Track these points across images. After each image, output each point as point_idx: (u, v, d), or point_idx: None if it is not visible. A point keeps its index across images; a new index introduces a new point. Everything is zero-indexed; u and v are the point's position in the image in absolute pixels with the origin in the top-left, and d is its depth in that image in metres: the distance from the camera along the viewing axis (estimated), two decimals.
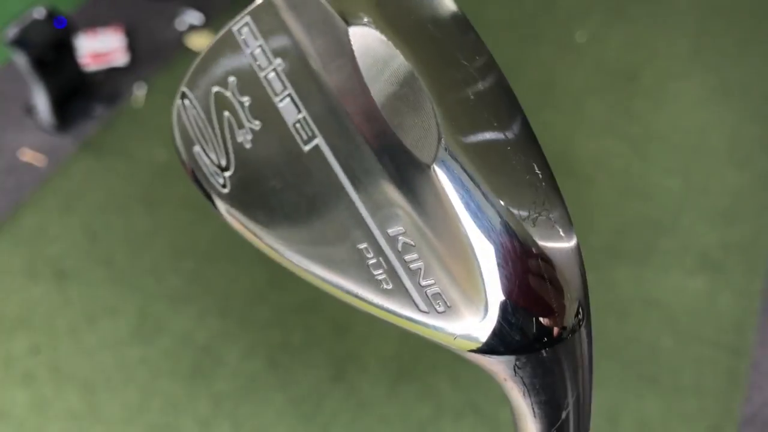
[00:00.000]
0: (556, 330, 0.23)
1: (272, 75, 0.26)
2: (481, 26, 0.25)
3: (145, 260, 1.25)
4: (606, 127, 1.48)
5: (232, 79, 0.27)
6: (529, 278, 0.22)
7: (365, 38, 0.24)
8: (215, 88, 0.28)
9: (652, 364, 1.12)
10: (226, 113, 0.28)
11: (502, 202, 0.22)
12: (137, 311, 1.18)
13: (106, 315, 1.17)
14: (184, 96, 0.29)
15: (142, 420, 1.06)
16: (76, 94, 1.49)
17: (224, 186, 0.29)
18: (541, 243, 0.22)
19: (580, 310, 0.23)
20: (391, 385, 1.09)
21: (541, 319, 0.23)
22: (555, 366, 0.24)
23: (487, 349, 0.23)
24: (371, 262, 0.25)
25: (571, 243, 0.23)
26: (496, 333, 0.23)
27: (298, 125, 0.26)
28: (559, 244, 0.23)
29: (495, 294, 0.23)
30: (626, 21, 1.72)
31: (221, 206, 0.29)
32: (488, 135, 0.23)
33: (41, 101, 1.43)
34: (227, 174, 0.29)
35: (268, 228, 0.28)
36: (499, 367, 0.24)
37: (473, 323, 0.23)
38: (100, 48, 1.61)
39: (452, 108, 0.23)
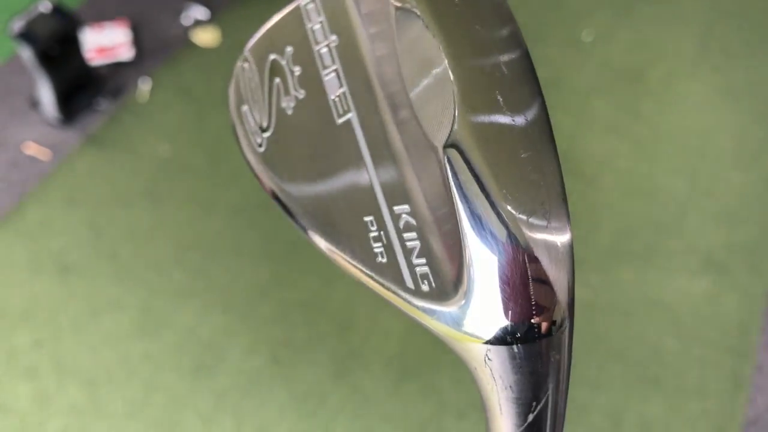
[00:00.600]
0: (533, 327, 0.23)
1: (325, 50, 0.28)
2: None
3: (148, 255, 1.25)
4: (612, 127, 1.48)
5: (289, 49, 0.29)
6: (513, 273, 0.23)
7: (409, 25, 0.25)
8: (273, 56, 0.30)
9: (655, 365, 1.11)
10: (277, 80, 0.30)
11: (500, 197, 0.23)
12: (140, 306, 1.18)
13: (109, 309, 1.18)
14: (245, 60, 0.32)
15: (145, 415, 1.06)
16: (81, 88, 1.49)
17: (260, 145, 0.31)
18: (532, 239, 0.23)
19: (562, 314, 0.23)
20: (394, 383, 1.09)
21: (516, 313, 0.23)
22: (525, 364, 0.24)
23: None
24: (373, 234, 0.27)
25: (564, 243, 0.23)
26: (472, 320, 0.23)
27: (337, 99, 0.28)
28: (550, 244, 0.23)
29: (478, 282, 0.23)
30: (633, 20, 1.72)
31: (251, 159, 0.32)
32: (502, 128, 0.23)
33: (46, 95, 1.43)
34: (266, 135, 0.31)
35: (289, 189, 0.30)
36: (471, 354, 0.24)
37: (453, 307, 0.24)
38: (105, 42, 1.61)
39: (473, 101, 0.24)
